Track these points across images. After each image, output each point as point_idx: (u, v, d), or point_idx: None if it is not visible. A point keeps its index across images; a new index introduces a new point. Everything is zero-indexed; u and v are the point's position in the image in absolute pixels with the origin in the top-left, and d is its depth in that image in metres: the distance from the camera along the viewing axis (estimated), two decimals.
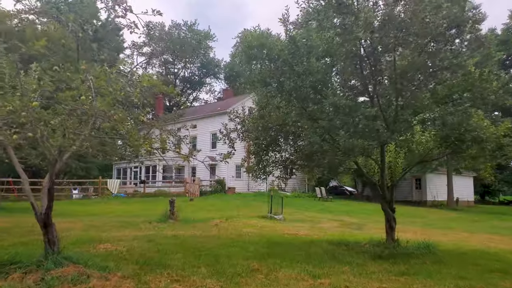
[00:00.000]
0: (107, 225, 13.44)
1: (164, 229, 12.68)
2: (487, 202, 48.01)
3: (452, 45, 7.78)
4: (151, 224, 13.73)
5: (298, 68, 8.08)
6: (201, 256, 8.34)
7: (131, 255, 8.21)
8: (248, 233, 12.54)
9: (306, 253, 9.26)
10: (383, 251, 9.34)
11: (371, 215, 23.90)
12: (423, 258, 9.05)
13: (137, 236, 10.98)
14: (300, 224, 15.89)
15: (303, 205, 25.18)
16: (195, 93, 59.57)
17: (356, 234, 13.98)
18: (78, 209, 20.50)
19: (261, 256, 8.63)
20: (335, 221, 18.20)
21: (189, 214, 16.82)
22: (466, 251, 10.79)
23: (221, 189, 32.56)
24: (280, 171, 10.79)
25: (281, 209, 17.85)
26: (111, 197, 28.19)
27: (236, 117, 10.51)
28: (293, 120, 8.47)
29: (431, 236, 14.18)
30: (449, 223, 21.90)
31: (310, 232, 13.64)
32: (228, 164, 33.85)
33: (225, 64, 56.87)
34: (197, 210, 20.17)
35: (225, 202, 25.38)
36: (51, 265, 5.59)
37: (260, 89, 9.03)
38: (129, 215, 17.23)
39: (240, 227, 13.78)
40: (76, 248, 8.65)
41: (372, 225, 17.48)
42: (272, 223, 15.44)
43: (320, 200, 30.53)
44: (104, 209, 20.26)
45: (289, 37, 8.81)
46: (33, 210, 6.10)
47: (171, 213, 14.70)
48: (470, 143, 8.61)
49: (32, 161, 7.17)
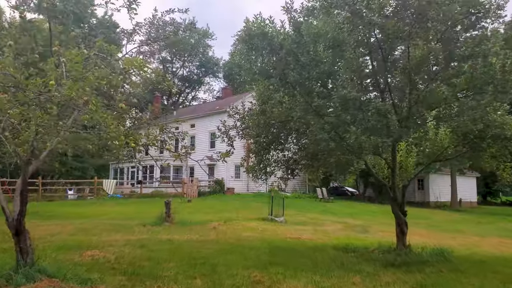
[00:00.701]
0: (98, 228, 12.68)
1: (158, 233, 11.93)
2: (490, 203, 47.29)
3: (474, 31, 7.05)
4: (145, 227, 12.97)
5: (304, 58, 7.34)
6: (197, 265, 7.59)
7: (120, 264, 7.45)
8: (248, 237, 11.79)
9: (312, 260, 8.52)
10: (395, 258, 8.60)
11: (375, 216, 23.15)
12: (439, 266, 8.31)
13: (129, 241, 10.23)
14: (302, 227, 15.14)
15: (304, 207, 24.42)
16: (194, 92, 58.83)
17: (362, 238, 13.24)
18: (71, 210, 19.74)
19: (262, 264, 7.88)
20: (338, 223, 17.45)
21: (186, 216, 16.05)
22: (482, 257, 10.06)
23: (219, 190, 31.78)
24: (282, 171, 10.04)
25: (282, 211, 17.09)
26: (106, 198, 27.42)
27: (236, 113, 9.77)
28: (298, 115, 7.72)
29: (440, 240, 13.46)
30: (455, 225, 21.17)
31: (314, 235, 12.90)
32: (226, 163, 33.09)
33: (224, 63, 56.10)
34: (194, 212, 19.41)
35: (224, 203, 24.62)
36: (22, 279, 4.83)
37: (262, 82, 8.27)
38: (123, 217, 16.47)
39: (239, 231, 13.03)
40: (59, 256, 7.90)
41: (378, 228, 16.75)
42: (273, 226, 14.69)
43: (321, 201, 29.77)
44: (98, 211, 19.49)
45: (293, 25, 8.07)
46: (4, 215, 5.35)
47: (167, 215, 13.94)
48: (490, 140, 7.88)
49: (8, 160, 6.42)
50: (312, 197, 32.37)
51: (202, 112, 36.91)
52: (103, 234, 11.45)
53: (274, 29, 8.08)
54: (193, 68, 55.98)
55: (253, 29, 8.26)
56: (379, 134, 7.51)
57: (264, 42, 8.08)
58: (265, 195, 28.61)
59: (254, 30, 8.21)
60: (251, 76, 8.44)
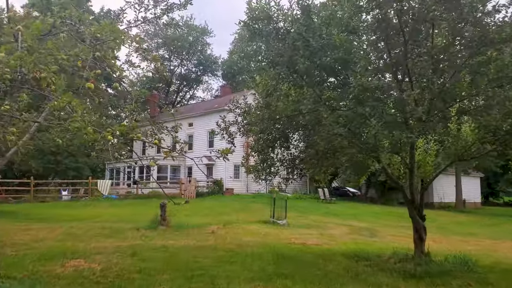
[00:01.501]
0: (89, 233, 11.76)
1: (152, 238, 11.02)
2: (492, 204, 46.50)
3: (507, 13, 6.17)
4: (139, 232, 12.05)
5: (315, 42, 6.44)
6: (193, 277, 6.69)
7: (105, 277, 6.55)
8: (249, 242, 10.89)
9: (322, 271, 7.63)
10: (415, 268, 7.71)
11: (379, 218, 22.29)
12: (465, 278, 7.43)
13: (120, 248, 9.32)
14: (306, 231, 14.24)
15: (307, 208, 23.50)
16: (192, 91, 57.77)
17: (371, 242, 12.36)
18: (63, 212, 18.79)
19: (267, 276, 6.98)
20: (344, 226, 16.54)
21: (183, 218, 15.13)
22: (508, 266, 9.19)
23: (218, 190, 30.83)
24: (289, 171, 9.14)
25: (284, 213, 16.18)
26: (101, 199, 26.43)
27: (237, 108, 8.85)
28: (308, 108, 6.81)
29: (454, 244, 12.61)
30: (465, 228, 20.34)
31: (320, 240, 12.00)
32: (226, 162, 32.12)
33: (223, 61, 55.06)
34: (192, 214, 18.49)
35: (223, 204, 23.70)
36: None
37: (267, 72, 7.36)
38: (116, 220, 15.53)
39: (240, 235, 12.13)
40: (38, 267, 7.00)
41: (385, 231, 15.88)
42: (275, 230, 13.78)
43: (323, 202, 28.87)
44: (90, 213, 18.54)
45: (301, 8, 7.17)
46: None
47: (162, 218, 13.02)
48: None
49: None
50: (313, 197, 31.46)
51: (201, 111, 35.94)
52: (92, 240, 10.54)
53: (280, 11, 7.18)
54: (191, 66, 54.88)
55: (256, 12, 7.35)
56: (400, 129, 6.61)
57: (269, 26, 7.19)
58: (265, 195, 27.69)
59: (258, 13, 7.31)
60: (254, 64, 7.53)
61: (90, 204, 23.69)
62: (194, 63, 54.16)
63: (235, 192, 30.85)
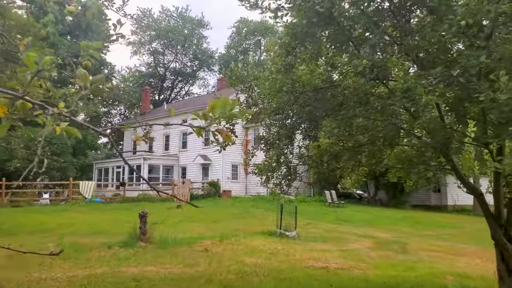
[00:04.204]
0: (42, 253, 8.92)
1: (125, 261, 8.28)
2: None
3: None
4: (110, 251, 9.29)
5: None
6: None
7: None
8: (254, 267, 8.16)
9: None
10: None
11: (396, 225, 19.54)
12: None
13: (72, 281, 6.54)
14: (323, 246, 11.47)
15: (315, 213, 20.75)
16: (187, 87, 54.74)
17: (410, 265, 9.60)
18: (30, 220, 15.92)
19: None
20: (364, 238, 13.75)
21: (171, 229, 12.29)
22: None
23: (214, 193, 28.03)
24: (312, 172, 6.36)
25: (293, 222, 13.40)
26: (83, 202, 23.57)
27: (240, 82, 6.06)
28: (361, 69, 4.04)
29: None
30: None
31: (345, 262, 9.25)
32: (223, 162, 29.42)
33: (220, 56, 52.15)
34: (183, 221, 15.73)
35: (220, 209, 20.89)
36: None
37: (297, 11, 4.52)
38: (88, 231, 12.72)
39: (241, 255, 9.37)
40: None
41: (415, 245, 13.12)
42: (285, 245, 10.98)
43: (330, 205, 26.11)
44: (63, 220, 15.70)
45: None
46: None
47: (142, 232, 10.19)
48: None
49: None
50: (318, 200, 28.69)
51: (195, 106, 33.08)
52: (42, 266, 7.77)
53: None
54: (187, 61, 51.90)
55: None
56: None
57: None
58: (266, 198, 24.92)
59: None
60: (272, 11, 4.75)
61: (69, 209, 20.81)
62: (189, 57, 51.24)
63: (233, 195, 28.08)
